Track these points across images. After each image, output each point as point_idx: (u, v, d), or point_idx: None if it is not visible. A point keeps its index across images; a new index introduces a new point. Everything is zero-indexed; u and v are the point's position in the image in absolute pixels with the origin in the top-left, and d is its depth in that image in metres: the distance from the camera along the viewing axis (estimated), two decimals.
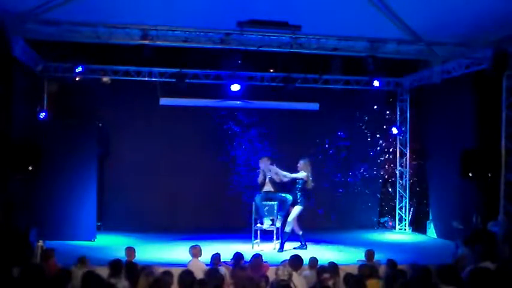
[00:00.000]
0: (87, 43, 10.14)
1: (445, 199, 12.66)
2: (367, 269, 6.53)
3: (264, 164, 10.88)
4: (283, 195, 10.78)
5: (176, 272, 5.74)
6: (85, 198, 11.41)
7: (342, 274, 6.49)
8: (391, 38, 10.15)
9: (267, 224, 10.68)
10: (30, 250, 8.26)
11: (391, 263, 7.17)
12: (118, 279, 6.09)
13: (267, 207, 10.68)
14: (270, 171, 10.80)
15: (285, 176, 10.83)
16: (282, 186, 10.97)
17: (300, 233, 10.83)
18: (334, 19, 9.36)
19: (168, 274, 5.67)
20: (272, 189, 10.86)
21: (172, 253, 9.98)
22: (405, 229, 14.30)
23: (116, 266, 6.30)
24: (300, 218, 10.78)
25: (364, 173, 14.54)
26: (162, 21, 9.56)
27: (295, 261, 6.80)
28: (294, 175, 10.78)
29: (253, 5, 8.78)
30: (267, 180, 10.87)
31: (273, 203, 10.69)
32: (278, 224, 10.74)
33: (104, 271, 6.22)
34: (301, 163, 10.81)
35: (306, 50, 10.39)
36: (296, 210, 10.66)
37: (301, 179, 10.69)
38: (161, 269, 6.06)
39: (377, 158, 14.77)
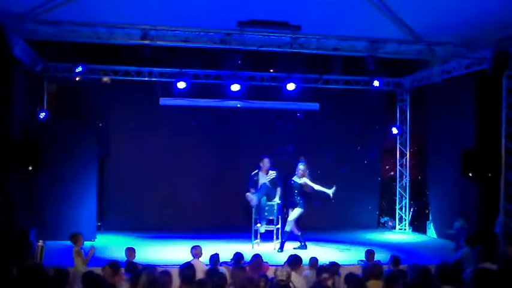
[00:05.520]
0: (87, 43, 10.13)
1: (445, 199, 12.66)
2: (373, 269, 6.50)
3: (264, 164, 10.88)
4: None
5: (176, 272, 5.73)
6: (85, 198, 11.42)
7: (342, 274, 6.48)
8: (391, 38, 10.13)
9: (263, 228, 10.70)
10: (30, 250, 8.26)
11: (395, 260, 7.16)
12: (118, 279, 6.09)
13: (267, 207, 10.68)
14: (268, 174, 10.84)
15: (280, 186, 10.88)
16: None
17: (299, 234, 10.84)
18: (334, 19, 9.34)
19: (166, 274, 5.66)
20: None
21: (172, 253, 9.98)
22: (405, 229, 14.31)
23: (116, 266, 6.29)
24: (298, 219, 10.78)
25: (364, 173, 14.53)
26: (162, 21, 9.54)
27: (294, 261, 6.80)
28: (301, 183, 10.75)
29: (253, 5, 8.76)
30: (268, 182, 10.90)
31: (273, 203, 10.70)
32: (278, 225, 10.75)
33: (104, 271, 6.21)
34: (301, 168, 10.76)
35: (306, 50, 10.37)
36: (296, 212, 10.66)
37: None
38: (161, 269, 6.05)
39: (377, 158, 14.77)
